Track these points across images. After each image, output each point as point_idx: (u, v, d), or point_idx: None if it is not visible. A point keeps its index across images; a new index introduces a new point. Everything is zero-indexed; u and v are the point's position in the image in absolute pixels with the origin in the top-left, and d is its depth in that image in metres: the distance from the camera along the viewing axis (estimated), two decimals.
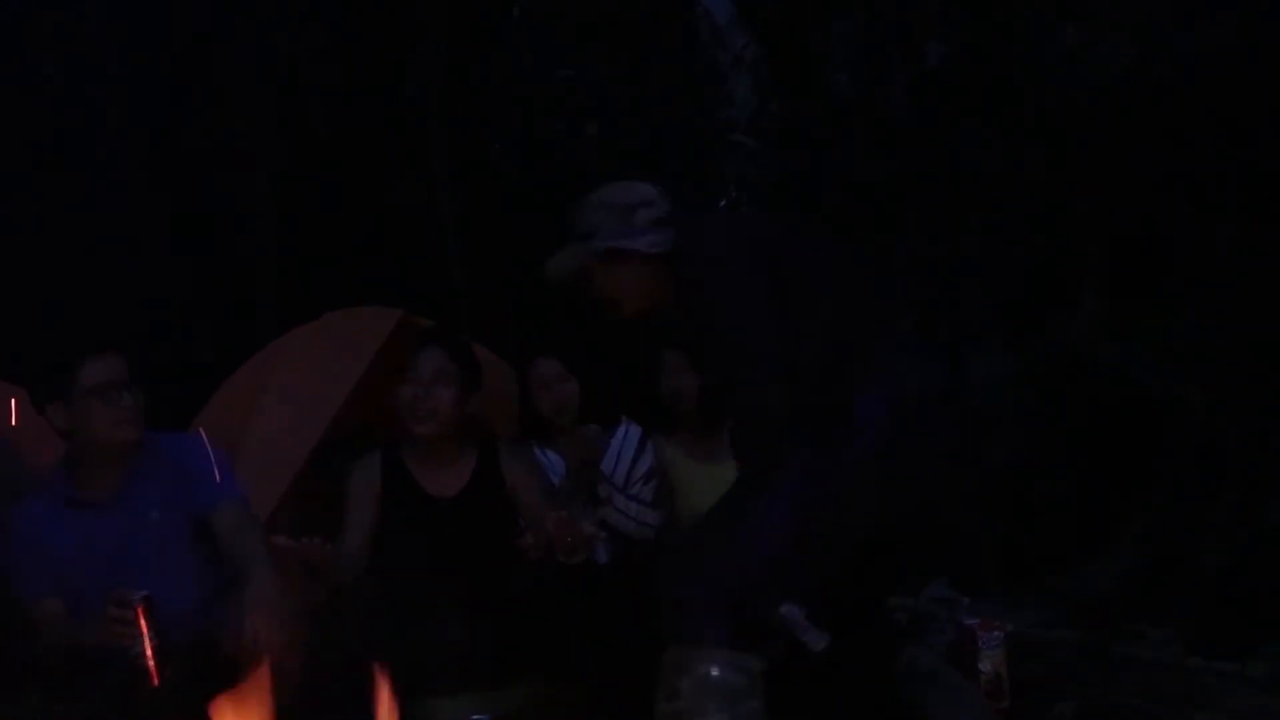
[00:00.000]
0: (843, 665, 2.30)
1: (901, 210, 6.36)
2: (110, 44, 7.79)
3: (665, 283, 2.48)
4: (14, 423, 3.98)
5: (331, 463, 3.47)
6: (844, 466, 2.20)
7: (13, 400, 4.16)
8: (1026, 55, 5.83)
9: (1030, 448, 4.14)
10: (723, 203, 10.42)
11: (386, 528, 3.07)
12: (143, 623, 2.39)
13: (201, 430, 3.11)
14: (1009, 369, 4.33)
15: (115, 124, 7.62)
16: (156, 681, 2.41)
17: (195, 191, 7.73)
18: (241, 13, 7.89)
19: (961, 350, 4.52)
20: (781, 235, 2.45)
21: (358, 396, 3.96)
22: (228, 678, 2.44)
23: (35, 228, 7.14)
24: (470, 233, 7.67)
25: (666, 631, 2.17)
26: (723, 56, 10.77)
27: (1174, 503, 3.96)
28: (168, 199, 7.58)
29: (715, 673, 2.11)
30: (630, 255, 2.46)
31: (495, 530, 3.10)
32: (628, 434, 3.53)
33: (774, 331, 2.24)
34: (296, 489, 3.64)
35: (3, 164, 7.25)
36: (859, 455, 2.21)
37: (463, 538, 3.05)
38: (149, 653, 2.39)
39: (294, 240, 7.50)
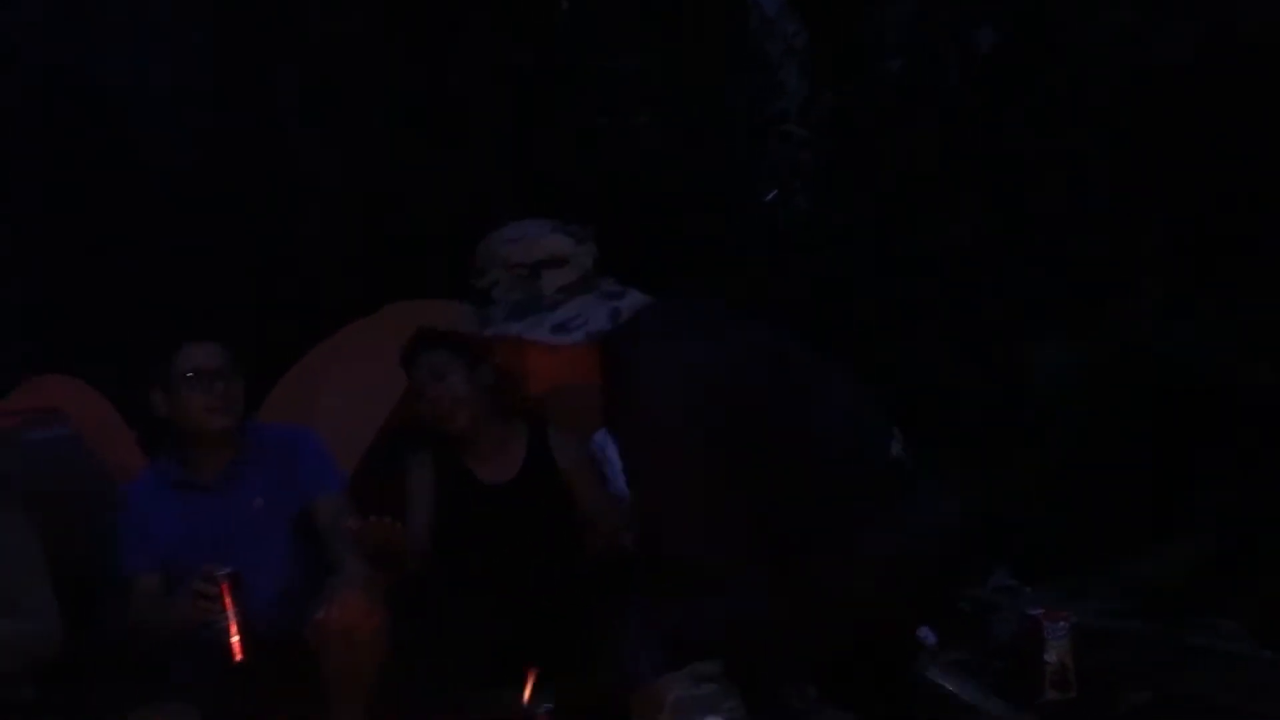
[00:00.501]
0: None
1: (956, 197, 6.27)
2: (170, 28, 7.89)
3: (583, 367, 2.05)
4: (91, 423, 4.09)
5: (390, 456, 3.51)
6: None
7: (89, 401, 4.28)
8: (1084, 36, 5.73)
9: (1093, 435, 4.08)
10: (773, 193, 10.38)
11: (444, 519, 3.10)
12: (227, 599, 2.43)
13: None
14: (1071, 356, 4.27)
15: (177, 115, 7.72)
16: (239, 658, 2.45)
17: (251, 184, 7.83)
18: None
19: (1020, 338, 4.47)
20: (749, 356, 1.97)
21: (410, 395, 3.98)
22: (312, 665, 2.51)
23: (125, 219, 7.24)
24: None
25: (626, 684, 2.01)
26: (772, 46, 10.72)
27: (1243, 488, 3.87)
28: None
29: (681, 695, 1.96)
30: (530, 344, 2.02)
31: (552, 514, 3.12)
32: None
33: (717, 497, 1.86)
34: (355, 482, 3.67)
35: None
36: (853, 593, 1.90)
37: (520, 523, 3.07)
38: (233, 629, 2.44)
39: (350, 233, 7.57)
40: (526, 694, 2.17)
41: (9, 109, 7.85)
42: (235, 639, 2.43)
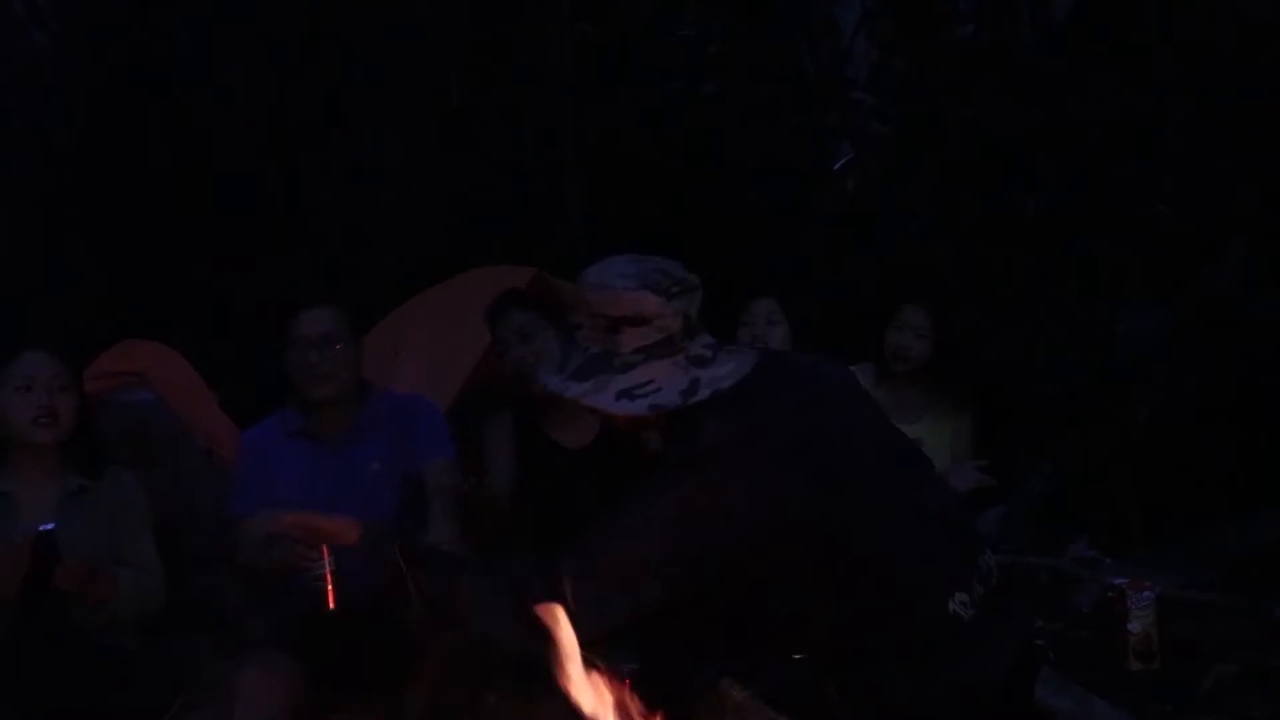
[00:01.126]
0: None
1: (1033, 164, 6.15)
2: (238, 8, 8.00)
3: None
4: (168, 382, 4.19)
5: (469, 417, 3.55)
6: None
7: (171, 360, 4.38)
8: None
9: (1178, 402, 3.99)
10: (842, 161, 10.26)
11: (523, 483, 3.13)
12: (325, 548, 2.46)
13: None
14: (1155, 320, 4.17)
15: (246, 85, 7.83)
16: (333, 605, 2.48)
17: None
18: None
19: (1103, 304, 4.37)
20: (804, 490, 1.74)
21: (492, 353, 4.01)
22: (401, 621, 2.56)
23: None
24: (592, 193, 7.70)
25: None
26: (841, 12, 10.58)
27: None
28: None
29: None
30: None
31: (628, 479, 3.12)
32: None
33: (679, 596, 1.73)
34: None
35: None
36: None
37: (599, 487, 3.08)
38: (328, 578, 2.47)
39: (421, 201, 7.64)
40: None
41: (97, 89, 8.03)
42: (330, 587, 2.45)
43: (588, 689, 1.51)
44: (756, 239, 7.80)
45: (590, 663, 1.55)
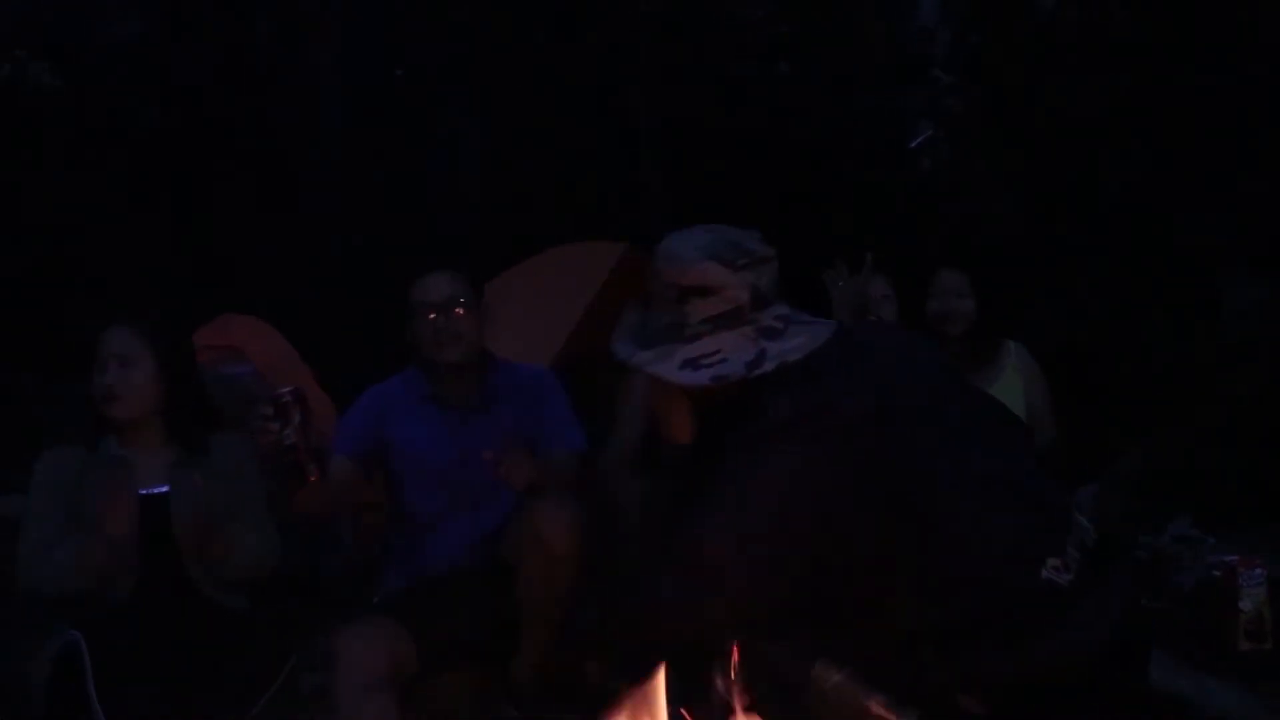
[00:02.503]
0: None
1: (1124, 141, 6.03)
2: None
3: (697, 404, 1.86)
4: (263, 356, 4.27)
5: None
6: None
7: (265, 334, 4.46)
8: None
9: None
10: (918, 139, 10.16)
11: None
12: (294, 414, 2.30)
13: None
14: (1259, 295, 4.07)
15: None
16: (312, 478, 2.35)
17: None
18: None
19: (1210, 281, 4.27)
20: (883, 467, 1.72)
21: (584, 326, 4.04)
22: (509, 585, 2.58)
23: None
24: (670, 170, 7.70)
25: None
26: None
27: None
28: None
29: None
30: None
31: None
32: None
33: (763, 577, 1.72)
34: None
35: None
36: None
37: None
38: (300, 449, 2.31)
39: (501, 179, 7.70)
40: None
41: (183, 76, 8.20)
42: (302, 459, 2.30)
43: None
44: (832, 217, 7.73)
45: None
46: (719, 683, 2.24)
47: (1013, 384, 3.33)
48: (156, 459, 2.74)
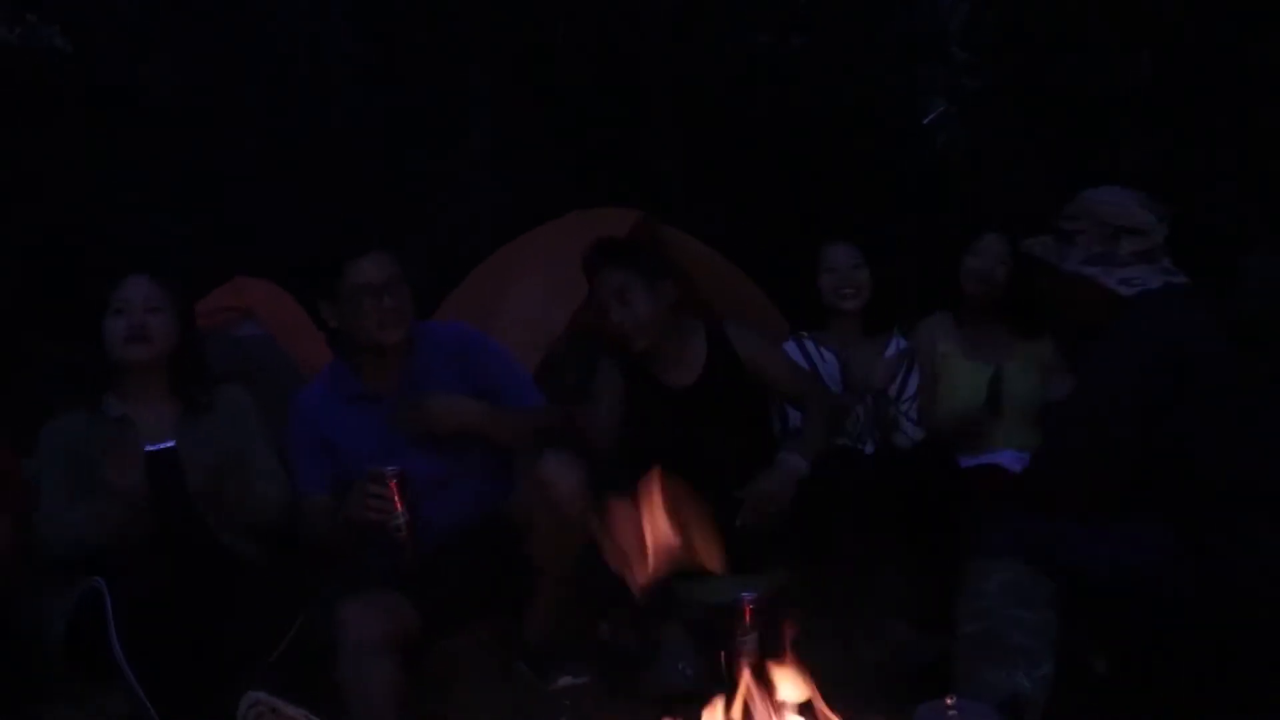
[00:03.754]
0: None
1: (1144, 120, 5.99)
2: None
3: (1095, 309, 2.39)
4: (279, 319, 4.27)
5: (576, 356, 3.55)
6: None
7: (280, 300, 4.46)
8: None
9: None
10: (931, 115, 10.10)
11: (632, 425, 3.09)
12: (396, 495, 2.45)
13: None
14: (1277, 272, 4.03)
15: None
16: (413, 551, 2.48)
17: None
18: None
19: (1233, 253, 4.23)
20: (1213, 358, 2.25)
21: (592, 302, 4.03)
22: (515, 547, 2.57)
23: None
24: (682, 141, 7.68)
25: (971, 548, 2.27)
26: None
27: None
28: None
29: (1017, 578, 2.18)
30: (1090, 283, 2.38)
31: (738, 412, 3.10)
32: (899, 350, 3.47)
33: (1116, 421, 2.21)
34: (538, 376, 3.73)
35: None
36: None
37: (707, 423, 3.06)
38: (405, 526, 2.46)
39: (511, 148, 7.68)
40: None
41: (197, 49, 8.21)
42: (406, 534, 2.45)
43: None
44: (844, 190, 7.71)
45: None
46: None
47: (1029, 360, 3.31)
48: (160, 415, 2.75)
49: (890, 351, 3.45)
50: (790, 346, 3.46)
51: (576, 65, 7.82)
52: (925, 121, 9.83)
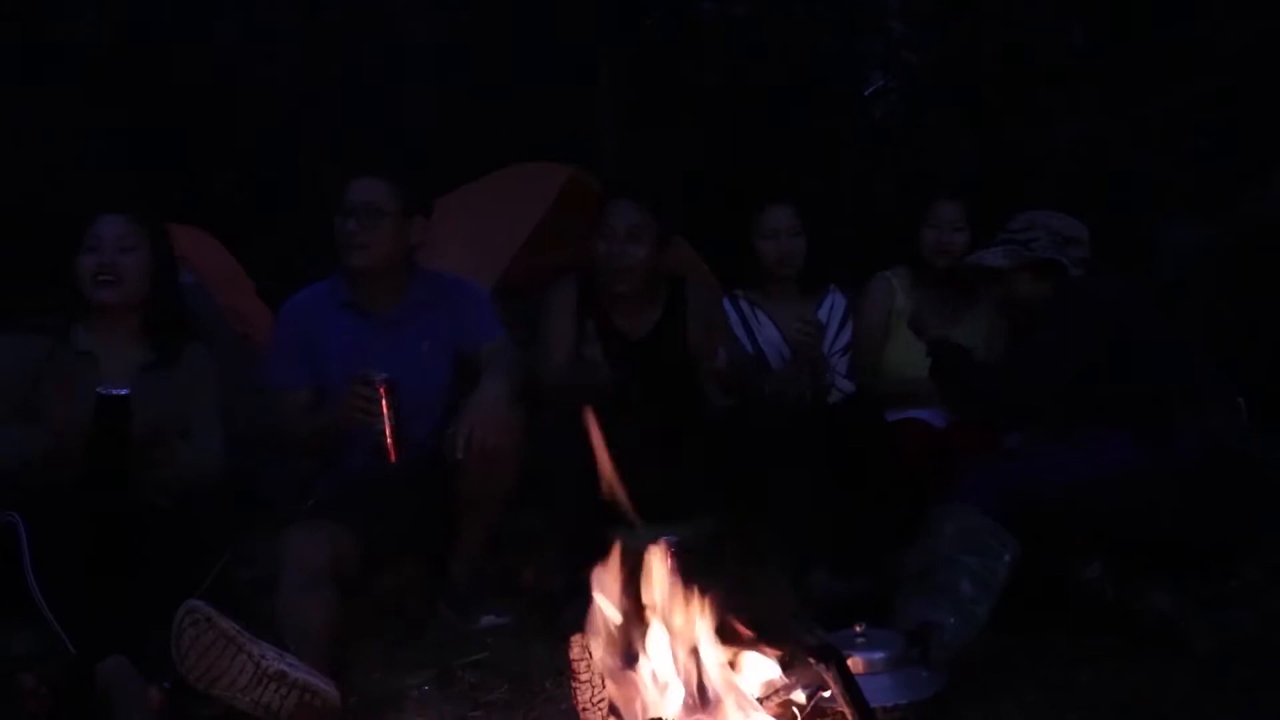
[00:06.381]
0: None
1: (1074, 92, 6.08)
2: None
3: (1037, 298, 2.89)
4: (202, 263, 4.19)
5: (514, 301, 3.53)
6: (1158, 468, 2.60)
7: (201, 242, 4.38)
8: None
9: (1219, 318, 3.98)
10: (871, 88, 10.17)
11: (577, 364, 3.04)
12: (384, 402, 2.47)
13: None
14: (1198, 237, 4.14)
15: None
16: (394, 458, 2.49)
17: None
18: None
19: (1149, 223, 4.33)
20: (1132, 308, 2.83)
21: (531, 246, 4.02)
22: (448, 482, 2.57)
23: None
24: (626, 106, 7.66)
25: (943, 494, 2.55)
26: None
27: None
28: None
29: (978, 526, 2.42)
30: (1051, 272, 2.87)
31: (686, 366, 3.11)
32: (834, 304, 3.50)
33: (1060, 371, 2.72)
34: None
35: None
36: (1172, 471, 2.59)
37: (654, 374, 3.07)
38: (388, 431, 2.48)
39: (452, 106, 7.61)
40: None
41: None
42: (390, 440, 2.46)
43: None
44: (786, 159, 7.75)
45: None
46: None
47: (990, 318, 3.34)
48: (125, 358, 2.69)
49: (823, 309, 3.47)
50: (725, 304, 3.47)
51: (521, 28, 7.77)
52: (866, 93, 9.90)
